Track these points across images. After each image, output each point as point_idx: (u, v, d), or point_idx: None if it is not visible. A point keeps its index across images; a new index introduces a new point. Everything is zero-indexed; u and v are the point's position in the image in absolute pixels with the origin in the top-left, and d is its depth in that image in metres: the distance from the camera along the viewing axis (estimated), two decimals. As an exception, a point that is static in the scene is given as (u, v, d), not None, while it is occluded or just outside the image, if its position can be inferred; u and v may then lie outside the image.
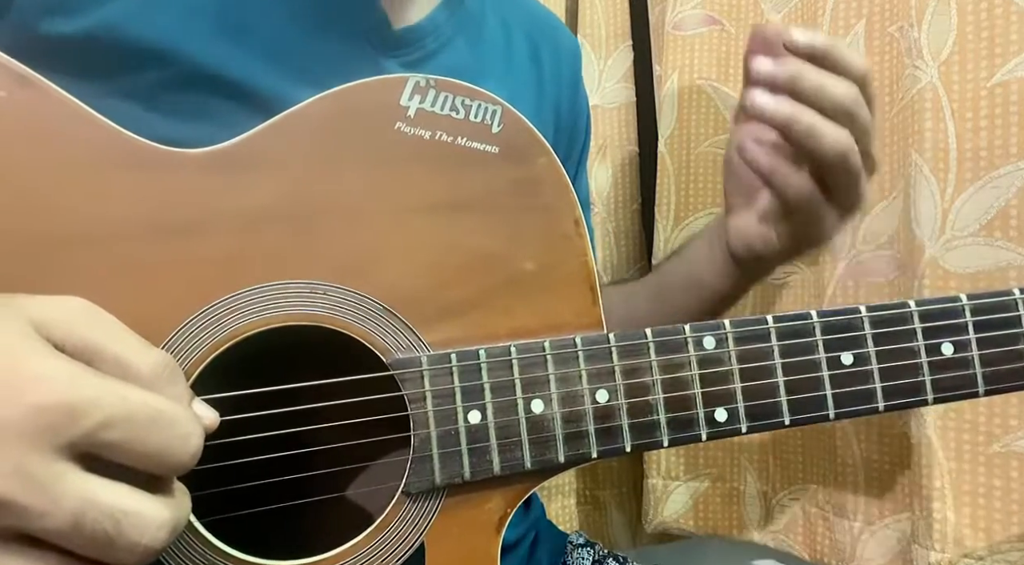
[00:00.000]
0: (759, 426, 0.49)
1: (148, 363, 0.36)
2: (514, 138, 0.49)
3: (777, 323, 0.49)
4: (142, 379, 0.35)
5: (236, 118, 0.47)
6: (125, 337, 0.36)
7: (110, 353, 0.35)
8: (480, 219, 0.48)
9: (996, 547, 0.80)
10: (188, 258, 0.44)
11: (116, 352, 0.35)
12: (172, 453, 0.34)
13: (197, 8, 0.53)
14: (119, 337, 0.36)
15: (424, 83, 0.48)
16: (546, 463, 0.47)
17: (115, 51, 0.51)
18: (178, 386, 0.37)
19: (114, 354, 0.35)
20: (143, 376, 0.35)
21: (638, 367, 0.47)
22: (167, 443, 0.34)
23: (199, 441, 0.36)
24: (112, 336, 0.36)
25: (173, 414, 0.34)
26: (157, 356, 0.36)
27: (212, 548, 0.43)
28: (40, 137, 0.43)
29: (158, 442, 0.34)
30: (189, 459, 0.35)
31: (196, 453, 0.35)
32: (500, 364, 0.46)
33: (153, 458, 0.34)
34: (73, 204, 0.43)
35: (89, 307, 0.36)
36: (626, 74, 1.21)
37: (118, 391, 0.33)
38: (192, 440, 0.35)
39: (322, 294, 0.46)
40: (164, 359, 0.37)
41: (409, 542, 0.46)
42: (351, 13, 0.57)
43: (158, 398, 0.34)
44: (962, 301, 0.50)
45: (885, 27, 0.93)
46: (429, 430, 0.45)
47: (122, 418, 0.32)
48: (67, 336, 0.34)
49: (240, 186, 0.46)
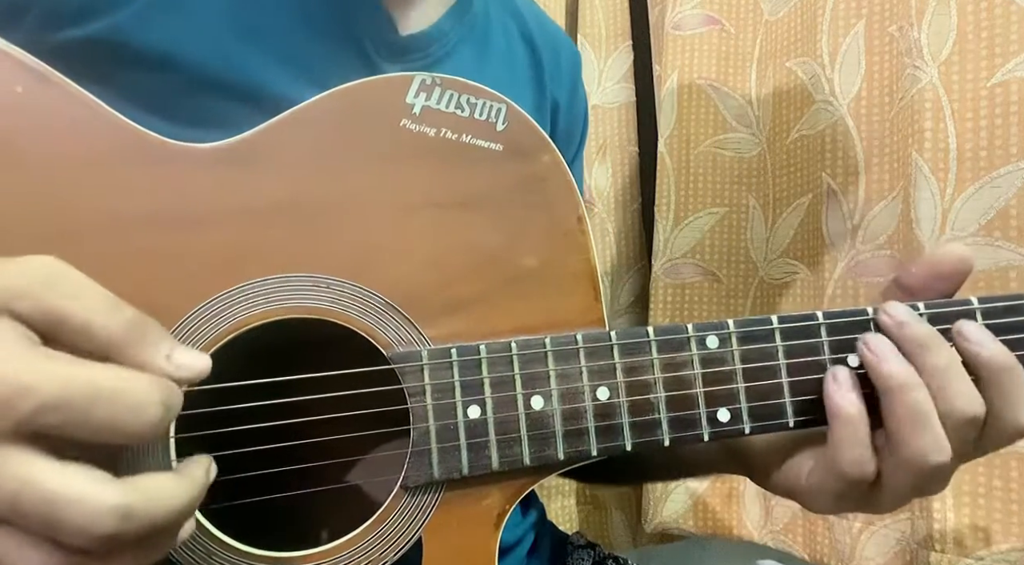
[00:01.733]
0: (762, 427, 0.48)
1: (115, 325, 0.35)
2: (518, 136, 0.49)
3: (782, 323, 0.48)
4: (110, 343, 0.35)
5: (247, 123, 0.47)
6: (91, 299, 0.35)
7: (75, 321, 0.34)
8: (484, 216, 0.48)
9: (996, 547, 0.80)
10: (194, 250, 0.45)
11: (81, 319, 0.34)
12: (121, 427, 0.33)
13: (208, 13, 0.53)
14: (84, 301, 0.35)
15: (430, 81, 0.48)
16: (545, 460, 0.46)
17: (125, 56, 0.51)
18: (148, 344, 0.36)
19: (79, 321, 0.34)
20: (110, 340, 0.35)
21: (640, 365, 0.47)
22: (112, 418, 0.33)
23: (156, 410, 0.34)
24: (77, 300, 0.35)
25: (117, 387, 0.33)
26: (123, 316, 0.36)
27: (210, 537, 0.43)
28: (53, 131, 0.43)
29: (102, 418, 0.33)
30: (146, 428, 0.34)
31: (153, 421, 0.34)
32: (500, 359, 0.46)
33: (103, 434, 0.33)
34: (83, 196, 0.43)
35: (54, 270, 0.35)
36: (626, 74, 1.21)
37: (58, 371, 0.32)
38: (147, 410, 0.34)
39: (325, 288, 0.46)
40: (131, 318, 0.36)
41: (407, 536, 0.46)
42: (357, 19, 0.57)
43: (103, 371, 0.34)
44: (973, 304, 0.50)
45: (885, 27, 0.93)
46: (428, 424, 0.45)
47: (59, 400, 0.32)
48: (32, 307, 0.34)
49: (247, 181, 0.46)
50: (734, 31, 1.11)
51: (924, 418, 0.46)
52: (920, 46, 0.85)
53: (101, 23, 0.50)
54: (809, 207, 1.00)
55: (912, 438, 0.46)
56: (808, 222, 1.01)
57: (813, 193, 1.00)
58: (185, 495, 0.36)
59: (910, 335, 0.47)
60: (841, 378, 0.48)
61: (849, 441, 0.47)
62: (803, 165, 1.01)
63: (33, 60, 0.43)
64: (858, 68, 0.95)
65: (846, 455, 0.47)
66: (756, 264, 1.08)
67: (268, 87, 0.52)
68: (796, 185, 1.02)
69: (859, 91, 0.95)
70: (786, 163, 1.04)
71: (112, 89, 0.47)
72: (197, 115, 0.50)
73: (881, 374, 0.47)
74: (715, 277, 1.10)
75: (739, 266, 1.09)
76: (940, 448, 0.46)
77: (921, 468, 0.46)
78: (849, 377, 0.48)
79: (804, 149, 1.01)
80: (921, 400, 0.46)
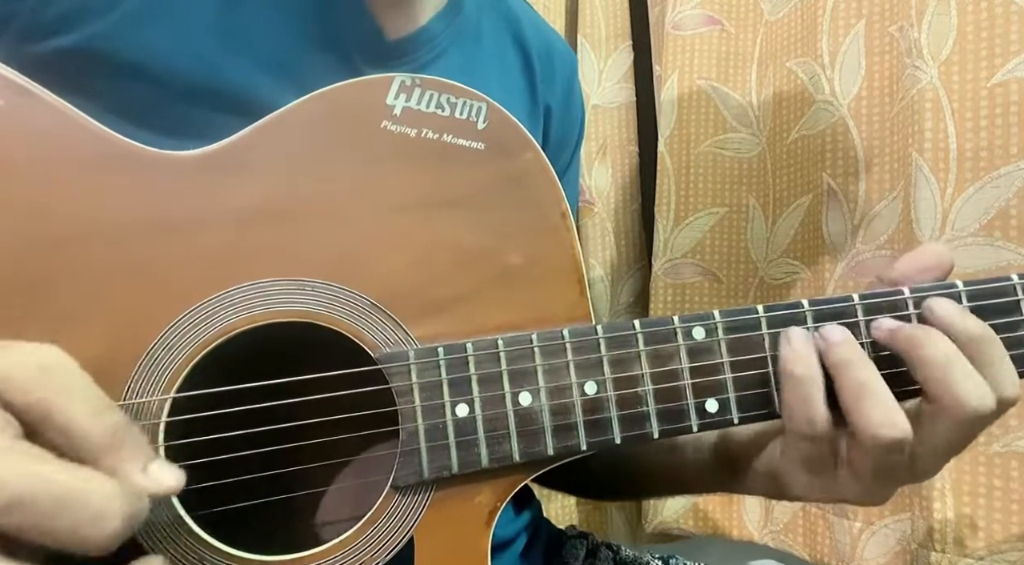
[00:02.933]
0: (751, 416, 0.48)
1: (95, 430, 0.35)
2: (500, 134, 0.49)
3: (768, 313, 0.48)
4: (88, 446, 0.35)
5: (232, 132, 0.47)
6: (80, 399, 0.35)
7: (58, 420, 0.34)
8: (467, 214, 0.48)
9: (996, 547, 0.79)
10: (179, 257, 0.45)
11: (64, 419, 0.34)
12: (82, 535, 0.33)
13: (191, 22, 0.53)
14: (73, 400, 0.35)
15: (410, 82, 0.48)
16: (535, 456, 0.46)
17: (106, 67, 0.51)
18: (126, 453, 0.36)
19: (62, 421, 0.34)
20: (89, 444, 0.35)
21: (626, 358, 0.47)
22: (75, 524, 0.33)
23: (117, 522, 0.33)
24: (65, 399, 0.35)
25: (85, 494, 0.33)
26: (107, 422, 0.36)
27: (202, 542, 0.43)
28: (36, 143, 0.43)
29: (66, 524, 0.32)
30: (104, 540, 0.33)
31: (112, 534, 0.33)
32: (487, 357, 0.46)
33: (62, 540, 0.33)
34: (67, 206, 0.43)
35: (51, 364, 0.35)
36: (626, 74, 1.21)
37: (28, 471, 0.32)
38: (107, 522, 0.33)
39: (311, 291, 0.46)
40: (114, 424, 0.36)
41: (398, 536, 0.46)
42: (343, 25, 0.57)
43: (77, 476, 0.33)
44: (959, 287, 0.50)
45: (885, 27, 0.93)
46: (416, 423, 0.45)
47: (22, 501, 0.31)
48: (20, 398, 0.34)
49: (230, 186, 0.46)
50: (734, 31, 1.11)
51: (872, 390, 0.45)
52: (920, 46, 0.85)
53: (80, 34, 0.50)
54: (809, 207, 1.00)
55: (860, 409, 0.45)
56: (808, 222, 1.01)
57: (813, 193, 1.00)
58: None
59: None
60: (793, 339, 0.47)
61: (800, 400, 0.47)
62: (803, 165, 1.01)
63: (14, 73, 0.43)
64: (858, 68, 0.95)
65: (798, 413, 0.47)
66: (756, 264, 1.08)
67: (253, 95, 0.52)
68: (796, 185, 1.02)
69: (859, 91, 0.95)
70: (786, 163, 1.04)
71: (94, 100, 0.47)
72: (182, 125, 0.49)
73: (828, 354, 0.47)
74: (715, 277, 1.10)
75: (739, 266, 1.09)
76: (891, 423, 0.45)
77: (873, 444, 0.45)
78: (802, 337, 0.47)
79: (804, 149, 1.01)
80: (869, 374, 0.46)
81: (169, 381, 0.44)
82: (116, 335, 0.43)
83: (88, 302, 0.43)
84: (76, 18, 0.50)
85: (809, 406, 0.46)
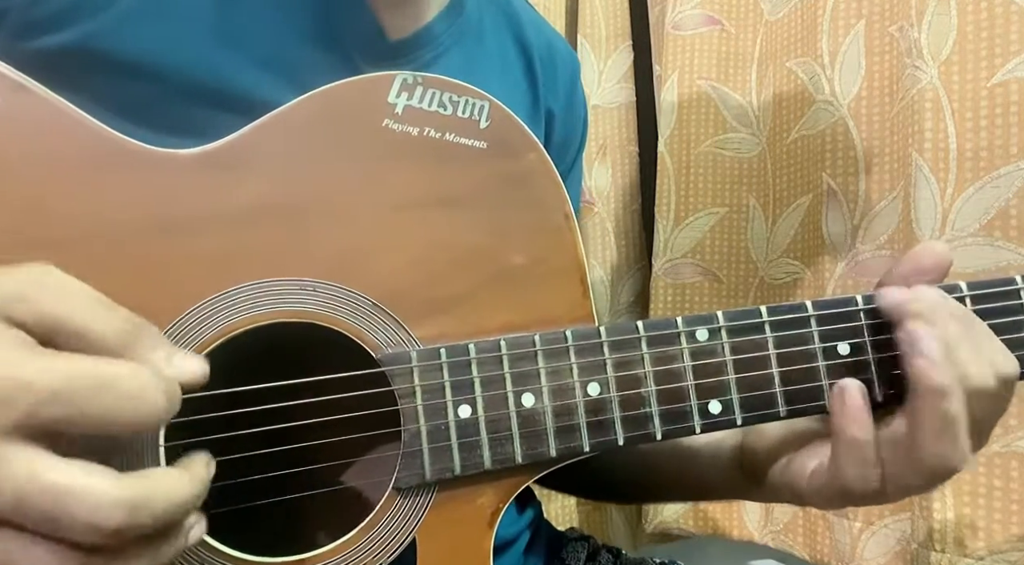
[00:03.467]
0: (754, 417, 0.48)
1: (112, 328, 0.35)
2: (502, 133, 0.49)
3: (771, 315, 0.48)
4: (106, 345, 0.35)
5: (232, 130, 0.47)
6: (86, 304, 0.35)
7: (71, 325, 0.34)
8: (469, 214, 0.48)
9: (996, 547, 0.79)
10: (179, 256, 0.44)
11: (78, 321, 0.35)
12: (124, 415, 0.33)
13: (189, 20, 0.52)
14: (80, 305, 0.35)
15: (412, 80, 0.48)
16: (537, 457, 0.46)
17: (103, 64, 0.50)
18: (145, 343, 0.36)
19: (75, 326, 0.34)
20: (107, 342, 0.35)
21: (630, 360, 0.47)
22: (114, 406, 0.33)
23: (156, 395, 0.34)
24: (73, 304, 0.35)
25: (116, 375, 0.33)
26: (120, 319, 0.36)
27: (203, 545, 0.43)
28: (34, 140, 0.43)
29: (104, 407, 0.33)
30: (149, 416, 0.34)
31: (154, 410, 0.34)
32: (490, 358, 0.46)
33: (105, 424, 0.33)
34: (67, 205, 0.43)
35: (49, 276, 0.35)
36: (626, 74, 1.21)
37: (55, 366, 0.33)
38: (147, 396, 0.34)
39: (312, 291, 0.46)
40: (127, 321, 0.36)
41: (401, 538, 0.46)
42: (344, 24, 0.57)
43: (102, 363, 0.34)
44: (962, 291, 0.50)
45: (885, 27, 0.93)
46: (419, 425, 0.45)
47: (58, 392, 0.32)
48: (28, 312, 0.34)
49: (230, 184, 0.46)
50: (734, 31, 1.11)
51: (954, 427, 0.45)
52: (920, 46, 0.85)
53: (76, 31, 0.50)
54: (809, 207, 1.00)
55: (936, 446, 0.45)
56: (808, 222, 1.01)
57: (813, 193, 1.00)
58: (189, 488, 0.36)
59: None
60: (848, 397, 0.47)
61: (855, 462, 0.47)
62: (803, 165, 1.01)
63: (11, 70, 0.43)
64: (858, 68, 0.95)
65: (850, 473, 0.47)
66: (756, 264, 1.08)
67: (253, 93, 0.52)
68: (796, 185, 1.02)
69: (859, 91, 0.95)
70: (786, 163, 1.04)
71: (92, 98, 0.47)
72: (181, 123, 0.49)
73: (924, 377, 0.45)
74: (715, 277, 1.10)
75: (739, 266, 1.09)
76: (962, 457, 0.45)
77: (936, 470, 0.46)
78: (858, 394, 0.47)
79: (804, 149, 1.01)
80: (955, 409, 0.45)
81: (170, 382, 0.43)
82: (116, 336, 0.43)
83: (88, 302, 0.43)
84: (71, 15, 0.50)
85: (865, 468, 0.47)
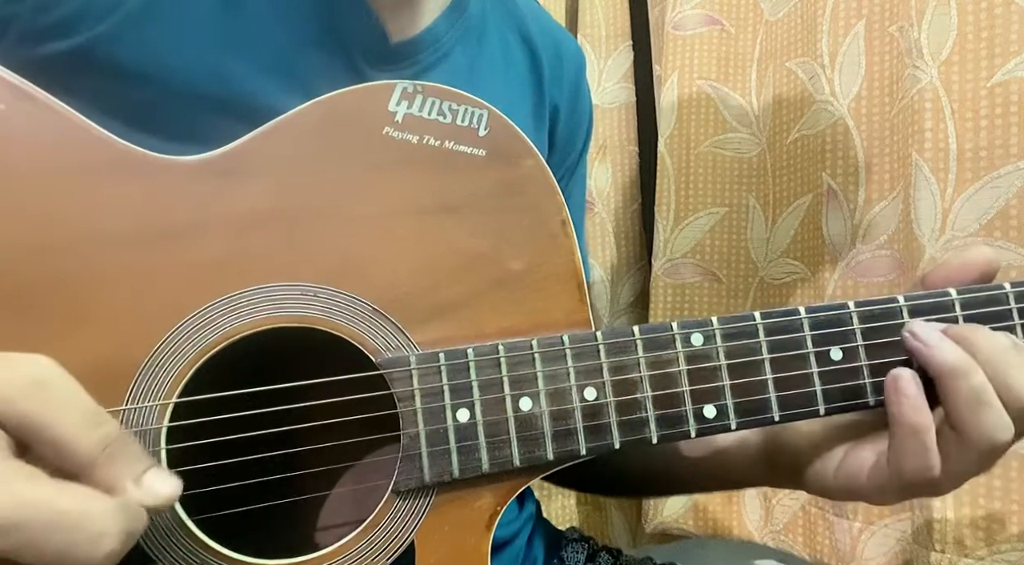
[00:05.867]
0: (748, 422, 0.48)
1: (88, 443, 0.35)
2: (501, 141, 0.49)
3: (765, 319, 0.49)
4: (78, 461, 0.35)
5: (236, 136, 0.47)
6: (71, 412, 0.35)
7: (49, 434, 0.34)
8: (468, 221, 0.48)
9: (996, 547, 0.79)
10: (180, 262, 0.45)
11: (55, 433, 0.34)
12: (76, 556, 0.32)
13: (192, 25, 0.53)
14: (63, 413, 0.35)
15: (411, 89, 0.48)
16: (535, 460, 0.47)
17: (108, 70, 0.51)
18: (120, 465, 0.36)
19: (52, 436, 0.34)
20: (79, 458, 0.35)
21: (626, 364, 0.47)
22: (68, 546, 0.32)
23: (113, 541, 0.33)
24: (56, 412, 0.34)
25: (79, 515, 0.33)
26: (99, 434, 0.35)
27: (204, 546, 0.44)
28: (37, 147, 0.44)
29: (58, 546, 0.32)
30: (100, 560, 0.33)
31: (110, 552, 0.33)
32: (488, 362, 0.46)
33: (55, 562, 0.32)
34: (68, 212, 0.44)
35: (40, 375, 0.35)
36: (626, 74, 1.21)
37: (17, 494, 0.32)
38: (104, 541, 0.33)
39: (312, 296, 0.46)
40: (104, 437, 0.35)
41: (399, 541, 0.46)
42: (346, 27, 0.57)
43: (66, 495, 0.33)
44: (952, 295, 0.50)
45: (885, 27, 0.93)
46: (418, 428, 0.45)
47: (15, 524, 0.31)
48: (9, 413, 0.34)
49: (231, 191, 0.46)
50: (734, 31, 1.11)
51: (986, 398, 0.46)
52: (920, 46, 0.85)
53: (81, 37, 0.50)
54: (809, 207, 1.00)
55: (977, 420, 0.46)
56: (808, 222, 1.01)
57: (813, 193, 1.00)
58: None
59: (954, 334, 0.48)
60: (903, 385, 0.47)
61: (916, 451, 0.47)
62: (803, 165, 1.01)
63: (14, 77, 0.43)
64: (858, 68, 0.95)
65: (912, 463, 0.47)
66: (756, 264, 1.08)
67: (259, 100, 0.52)
68: (796, 185, 1.02)
69: (859, 91, 0.95)
70: (786, 163, 1.04)
71: (99, 104, 0.47)
72: (187, 129, 0.49)
73: (936, 362, 0.47)
74: (715, 277, 1.10)
75: (739, 266, 1.09)
76: (1004, 425, 0.46)
77: (984, 448, 0.46)
78: (912, 381, 0.47)
79: (804, 149, 1.01)
80: (980, 381, 0.46)
81: (171, 386, 0.44)
82: (118, 341, 0.43)
83: (90, 308, 0.43)
84: (77, 22, 0.50)
85: (928, 455, 0.47)
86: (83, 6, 0.50)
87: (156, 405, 0.43)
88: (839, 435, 0.54)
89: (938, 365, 0.47)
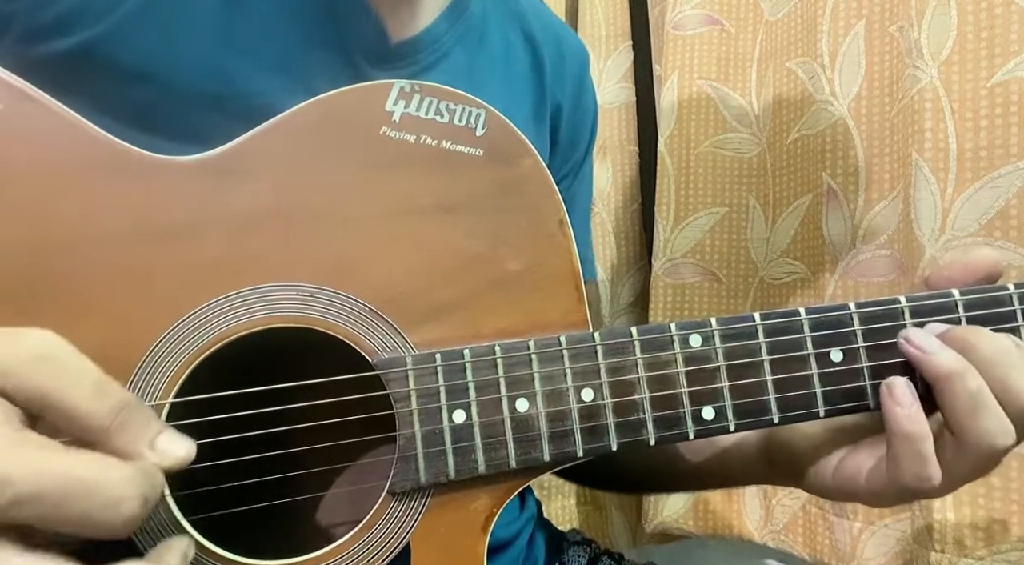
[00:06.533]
0: (747, 424, 0.48)
1: (98, 411, 0.35)
2: (498, 141, 0.49)
3: (765, 320, 0.48)
4: (91, 429, 0.35)
5: (237, 135, 0.47)
6: (79, 382, 0.35)
7: (61, 405, 0.34)
8: (465, 221, 0.48)
9: (996, 547, 0.79)
10: (178, 262, 0.45)
11: (67, 404, 0.34)
12: (96, 522, 0.33)
13: (193, 24, 0.52)
14: (72, 384, 0.35)
15: (408, 88, 0.48)
16: (531, 462, 0.46)
17: (107, 70, 0.50)
18: (132, 431, 0.36)
19: (65, 406, 0.34)
20: (92, 426, 0.35)
21: (623, 365, 0.47)
22: (88, 513, 0.32)
23: (132, 505, 0.33)
24: (64, 383, 0.35)
25: (95, 481, 0.33)
26: (109, 401, 0.35)
27: (199, 546, 0.43)
28: (35, 147, 0.43)
29: (78, 513, 0.32)
30: (121, 525, 0.33)
31: (128, 517, 0.33)
32: (485, 363, 0.46)
33: (77, 528, 0.33)
34: (66, 211, 0.44)
35: (47, 349, 0.35)
36: (626, 74, 1.21)
37: (33, 464, 0.32)
38: (124, 505, 0.33)
39: (309, 296, 0.46)
40: (118, 403, 0.36)
41: (395, 542, 0.46)
42: (347, 27, 0.57)
43: (81, 463, 0.33)
44: (954, 296, 0.50)
45: (885, 27, 0.93)
46: (414, 429, 0.45)
47: (33, 494, 0.31)
48: (18, 386, 0.34)
49: (228, 191, 0.46)
50: (734, 31, 1.11)
51: (984, 401, 0.46)
52: (920, 46, 0.85)
53: (81, 36, 0.50)
54: (809, 207, 1.00)
55: (975, 424, 0.45)
56: (808, 222, 1.01)
57: (813, 193, 0.99)
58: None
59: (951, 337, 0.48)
60: (898, 393, 0.47)
61: (912, 459, 0.47)
62: (803, 165, 1.01)
63: (12, 77, 0.43)
64: (858, 68, 0.95)
65: (909, 471, 0.47)
66: (756, 264, 1.08)
67: (259, 99, 0.52)
68: (796, 185, 1.02)
69: (859, 91, 0.95)
70: (786, 163, 1.04)
71: (98, 103, 0.47)
72: (185, 128, 0.49)
73: (931, 367, 0.47)
74: (715, 277, 1.10)
75: (739, 266, 1.09)
76: (1004, 429, 0.46)
77: (984, 452, 0.46)
78: (907, 389, 0.47)
79: (804, 149, 1.00)
80: (978, 384, 0.46)
81: (167, 386, 0.44)
82: (114, 340, 0.43)
83: (86, 307, 0.43)
84: (75, 20, 0.50)
85: (926, 464, 0.47)
86: (81, 4, 0.50)
87: (152, 405, 0.43)
88: (839, 437, 0.53)
89: (934, 370, 0.47)
